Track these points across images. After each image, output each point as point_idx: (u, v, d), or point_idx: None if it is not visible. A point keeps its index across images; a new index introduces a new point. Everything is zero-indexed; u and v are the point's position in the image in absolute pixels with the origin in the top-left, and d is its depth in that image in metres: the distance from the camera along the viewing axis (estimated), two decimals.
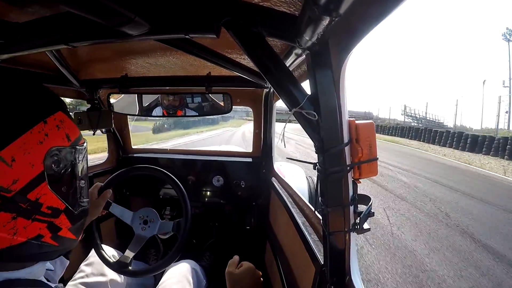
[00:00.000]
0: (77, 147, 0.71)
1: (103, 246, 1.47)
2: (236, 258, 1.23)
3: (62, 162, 0.66)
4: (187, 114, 1.98)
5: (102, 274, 1.42)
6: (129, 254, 1.41)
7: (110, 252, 1.52)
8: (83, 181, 0.75)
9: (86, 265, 1.46)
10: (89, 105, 2.02)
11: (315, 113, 0.71)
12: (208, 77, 1.69)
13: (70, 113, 0.73)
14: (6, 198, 0.56)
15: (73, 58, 1.44)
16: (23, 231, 0.59)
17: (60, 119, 0.67)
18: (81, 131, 0.75)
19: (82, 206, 0.74)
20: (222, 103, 1.91)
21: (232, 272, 1.16)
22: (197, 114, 2.01)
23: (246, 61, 1.35)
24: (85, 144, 0.76)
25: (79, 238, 0.76)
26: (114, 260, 1.40)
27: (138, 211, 1.44)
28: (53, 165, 0.64)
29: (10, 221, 0.57)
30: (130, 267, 1.38)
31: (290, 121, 0.82)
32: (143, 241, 1.43)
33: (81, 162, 0.73)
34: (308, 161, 0.87)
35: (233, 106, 1.89)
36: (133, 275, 1.41)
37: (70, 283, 1.37)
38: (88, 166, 0.83)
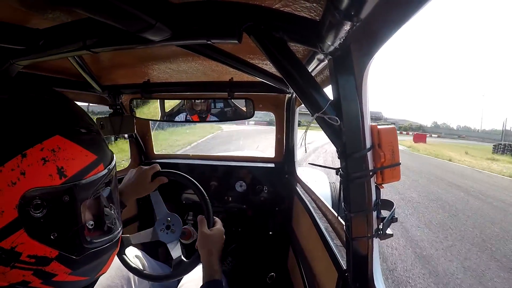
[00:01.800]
0: (79, 182, 0.54)
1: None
2: (203, 218, 1.29)
3: (47, 206, 0.50)
4: (210, 120, 2.01)
5: (124, 278, 1.39)
6: (133, 239, 1.41)
7: (133, 252, 1.52)
8: (91, 222, 0.59)
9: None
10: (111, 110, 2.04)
11: (337, 118, 0.70)
12: (230, 83, 1.71)
13: (85, 131, 0.58)
14: None
15: (95, 63, 1.46)
16: (3, 277, 0.50)
17: (53, 147, 0.51)
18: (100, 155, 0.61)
19: (91, 248, 0.59)
20: (244, 109, 1.92)
21: (205, 232, 1.23)
22: (220, 119, 2.03)
23: (268, 66, 1.35)
24: (101, 172, 0.59)
25: (98, 275, 0.66)
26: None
27: (170, 213, 1.43)
28: (31, 211, 0.49)
29: None
30: (124, 250, 1.36)
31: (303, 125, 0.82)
32: (151, 239, 1.42)
33: (90, 199, 0.58)
34: (330, 166, 0.87)
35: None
36: (155, 280, 1.39)
37: None
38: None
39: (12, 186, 0.47)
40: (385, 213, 0.81)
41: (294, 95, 2.04)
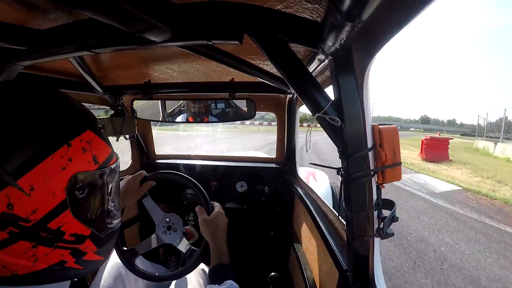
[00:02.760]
0: (105, 169, 0.64)
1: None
2: (200, 207, 1.34)
3: (87, 188, 0.59)
4: (211, 121, 2.01)
5: (120, 279, 1.39)
6: (139, 249, 1.41)
7: (139, 261, 1.53)
8: (112, 203, 0.69)
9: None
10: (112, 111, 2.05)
11: (338, 119, 0.71)
12: (231, 83, 1.71)
13: (101, 127, 0.68)
14: (25, 227, 0.51)
15: (96, 64, 1.47)
16: (45, 258, 0.55)
17: (88, 139, 0.60)
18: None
19: (110, 228, 0.69)
20: (245, 109, 1.92)
21: (205, 219, 1.28)
22: (221, 120, 2.03)
23: (269, 67, 1.36)
24: (116, 163, 0.70)
25: (108, 258, 0.73)
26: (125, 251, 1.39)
27: (167, 214, 1.44)
28: (76, 192, 0.57)
29: (30, 249, 0.53)
30: (135, 263, 1.38)
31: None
32: (158, 244, 1.43)
33: (110, 183, 0.67)
34: (332, 166, 0.88)
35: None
36: (148, 279, 1.39)
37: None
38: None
39: (62, 171, 0.55)
40: (385, 213, 0.81)
41: (295, 96, 2.05)
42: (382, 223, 0.80)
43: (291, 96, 2.07)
